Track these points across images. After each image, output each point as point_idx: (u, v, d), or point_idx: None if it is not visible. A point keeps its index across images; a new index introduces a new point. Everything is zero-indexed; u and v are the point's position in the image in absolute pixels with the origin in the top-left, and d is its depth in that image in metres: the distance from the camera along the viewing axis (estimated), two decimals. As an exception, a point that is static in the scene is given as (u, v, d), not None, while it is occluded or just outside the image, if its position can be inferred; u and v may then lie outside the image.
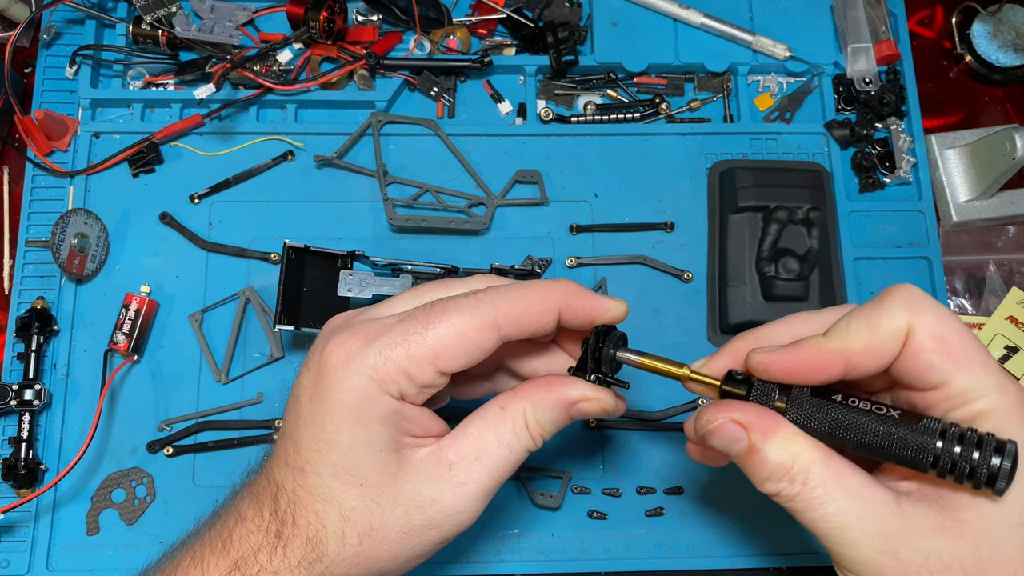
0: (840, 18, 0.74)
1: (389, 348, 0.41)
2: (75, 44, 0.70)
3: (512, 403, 0.43)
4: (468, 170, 0.69)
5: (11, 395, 0.61)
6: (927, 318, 0.37)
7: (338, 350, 0.41)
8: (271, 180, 0.69)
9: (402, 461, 0.42)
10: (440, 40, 0.72)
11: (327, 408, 0.41)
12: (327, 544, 0.42)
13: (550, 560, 0.62)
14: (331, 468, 0.42)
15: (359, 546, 0.42)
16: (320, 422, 0.42)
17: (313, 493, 0.42)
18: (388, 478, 0.42)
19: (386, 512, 0.42)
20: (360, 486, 0.42)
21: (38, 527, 0.61)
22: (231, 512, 0.45)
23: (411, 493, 0.42)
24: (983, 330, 0.67)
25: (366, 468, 0.41)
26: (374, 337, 0.41)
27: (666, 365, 0.44)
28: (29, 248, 0.66)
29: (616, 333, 0.45)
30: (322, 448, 0.42)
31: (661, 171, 0.70)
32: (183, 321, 0.65)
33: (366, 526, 0.42)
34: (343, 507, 0.42)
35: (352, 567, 0.43)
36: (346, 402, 0.41)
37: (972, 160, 0.71)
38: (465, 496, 0.42)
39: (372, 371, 0.40)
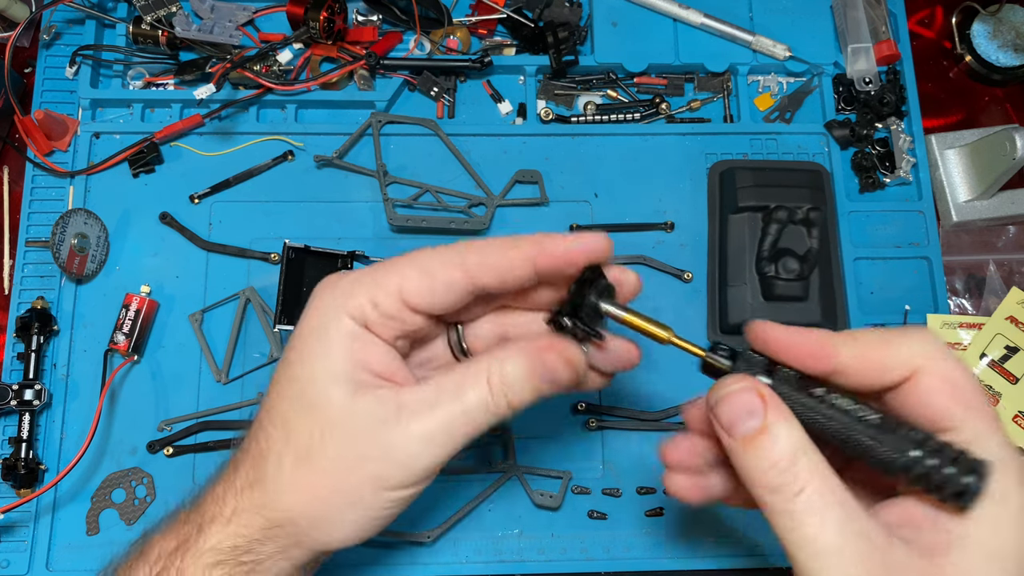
0: (840, 18, 0.74)
1: (360, 276, 0.42)
2: (75, 44, 0.70)
3: (478, 361, 0.42)
4: (468, 170, 0.69)
5: (11, 395, 0.61)
6: (943, 363, 0.37)
7: (325, 283, 0.43)
8: (271, 180, 0.69)
9: (357, 394, 0.41)
10: (440, 40, 0.72)
11: (299, 330, 0.43)
12: (267, 466, 0.42)
13: (550, 560, 0.62)
14: (287, 390, 0.42)
15: (294, 471, 0.41)
16: (294, 343, 0.43)
17: (270, 412, 0.43)
18: (338, 406, 0.41)
19: (325, 437, 0.41)
20: (309, 408, 0.41)
21: (38, 527, 0.61)
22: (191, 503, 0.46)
23: (354, 423, 0.41)
24: (983, 330, 0.67)
25: (317, 391, 0.41)
26: (354, 273, 0.43)
27: (650, 325, 0.41)
28: (29, 248, 0.66)
29: (603, 282, 0.42)
30: (290, 366, 0.43)
31: (661, 171, 0.70)
32: (183, 321, 0.65)
33: (304, 449, 0.41)
34: (288, 427, 0.42)
35: (285, 494, 0.42)
36: (312, 323, 0.42)
37: (972, 160, 0.71)
38: (407, 438, 0.40)
39: (340, 294, 0.42)
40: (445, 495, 0.62)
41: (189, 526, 0.43)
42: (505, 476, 0.62)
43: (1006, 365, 0.67)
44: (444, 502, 0.62)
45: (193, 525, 0.43)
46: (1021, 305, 0.68)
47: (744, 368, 0.38)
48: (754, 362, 0.39)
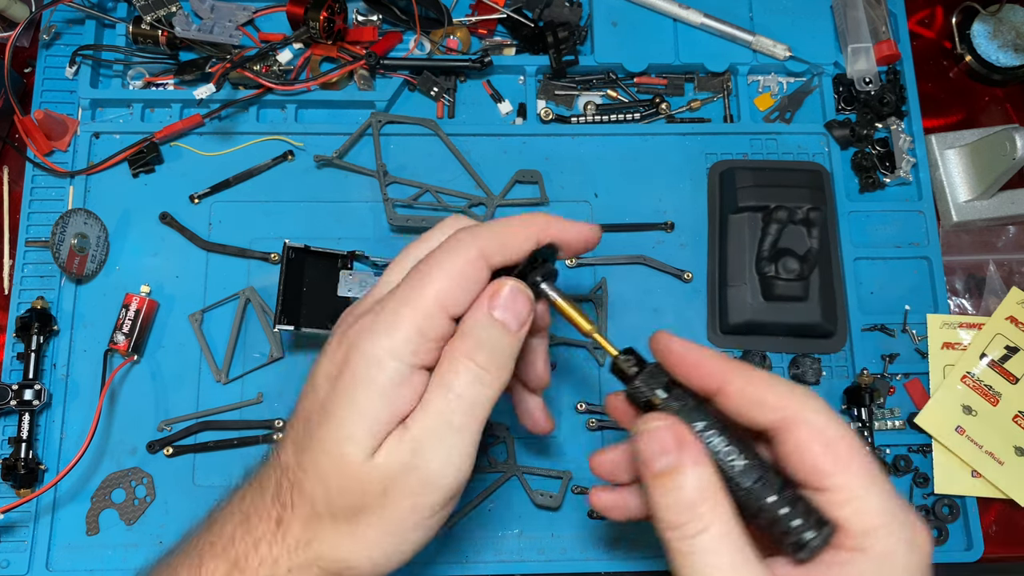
0: (840, 18, 0.74)
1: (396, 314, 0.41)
2: (75, 44, 0.70)
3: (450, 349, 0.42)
4: (468, 170, 0.69)
5: (11, 395, 0.61)
6: (815, 416, 0.38)
7: (355, 328, 0.42)
8: (271, 180, 0.69)
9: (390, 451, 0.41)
10: (440, 40, 0.72)
11: (341, 384, 0.41)
12: (320, 522, 0.42)
13: (550, 560, 0.62)
14: (324, 443, 0.42)
15: (347, 524, 0.42)
16: (333, 397, 0.42)
17: (308, 472, 0.42)
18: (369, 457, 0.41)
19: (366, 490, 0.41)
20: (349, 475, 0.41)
21: (38, 527, 0.61)
22: (234, 512, 0.44)
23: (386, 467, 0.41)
24: (983, 330, 0.67)
25: (353, 444, 0.41)
26: (381, 310, 0.42)
27: (577, 315, 0.43)
28: (29, 248, 0.66)
29: (549, 266, 0.44)
30: (327, 422, 0.42)
31: (661, 171, 0.70)
32: (183, 321, 0.65)
33: (349, 504, 0.41)
34: (328, 485, 0.41)
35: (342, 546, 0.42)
36: (359, 372, 0.41)
37: (972, 160, 0.71)
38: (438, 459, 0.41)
39: (386, 339, 0.41)
40: (445, 495, 0.62)
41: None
42: (505, 476, 0.62)
43: (1006, 365, 0.67)
44: (444, 502, 0.62)
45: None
46: (1021, 305, 0.68)
47: (646, 379, 0.41)
48: (656, 375, 0.41)
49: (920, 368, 0.67)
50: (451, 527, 0.61)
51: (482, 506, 0.62)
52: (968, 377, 0.66)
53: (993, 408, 0.66)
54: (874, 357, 0.67)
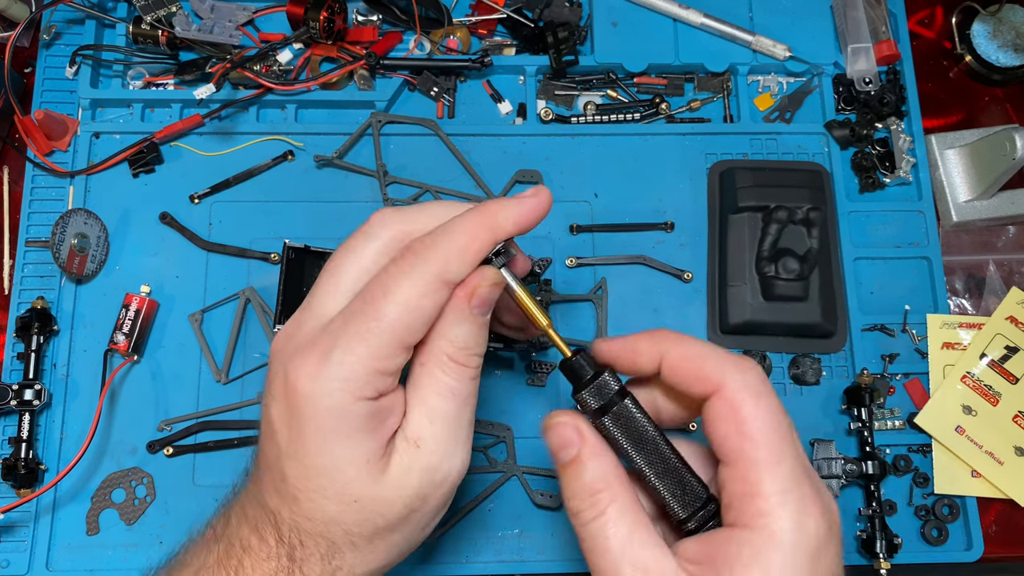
0: (840, 18, 0.74)
1: (348, 354, 0.39)
2: (75, 44, 0.70)
3: (425, 352, 0.42)
4: (468, 170, 0.69)
5: (11, 395, 0.61)
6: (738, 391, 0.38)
7: (300, 376, 0.40)
8: (271, 180, 0.69)
9: (387, 464, 0.42)
10: (440, 40, 0.72)
11: (306, 435, 0.41)
12: (342, 554, 0.43)
13: (550, 560, 0.62)
14: (322, 492, 0.41)
15: (370, 544, 0.43)
16: (303, 450, 0.41)
17: (313, 519, 0.42)
18: (377, 484, 0.41)
19: (386, 514, 0.42)
20: (355, 503, 0.41)
21: (38, 527, 0.61)
22: (233, 540, 0.44)
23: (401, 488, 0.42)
24: (983, 330, 0.67)
25: (356, 485, 0.41)
26: (330, 348, 0.40)
27: (534, 308, 0.43)
28: (29, 248, 0.66)
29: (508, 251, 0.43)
30: (310, 475, 0.41)
31: (661, 171, 0.70)
32: (183, 321, 0.65)
33: (370, 530, 0.42)
34: (345, 524, 0.42)
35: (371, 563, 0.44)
36: (323, 425, 0.40)
37: (972, 160, 0.71)
38: (440, 461, 0.42)
39: (341, 383, 0.39)
40: (445, 495, 0.62)
41: None
42: (505, 476, 0.62)
43: (1006, 365, 0.67)
44: (444, 502, 0.62)
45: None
46: (1021, 305, 0.68)
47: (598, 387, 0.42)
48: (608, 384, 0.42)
49: (920, 368, 0.67)
50: (451, 527, 0.61)
51: (482, 506, 0.62)
52: (968, 377, 0.66)
53: (993, 408, 0.66)
54: (874, 357, 0.67)
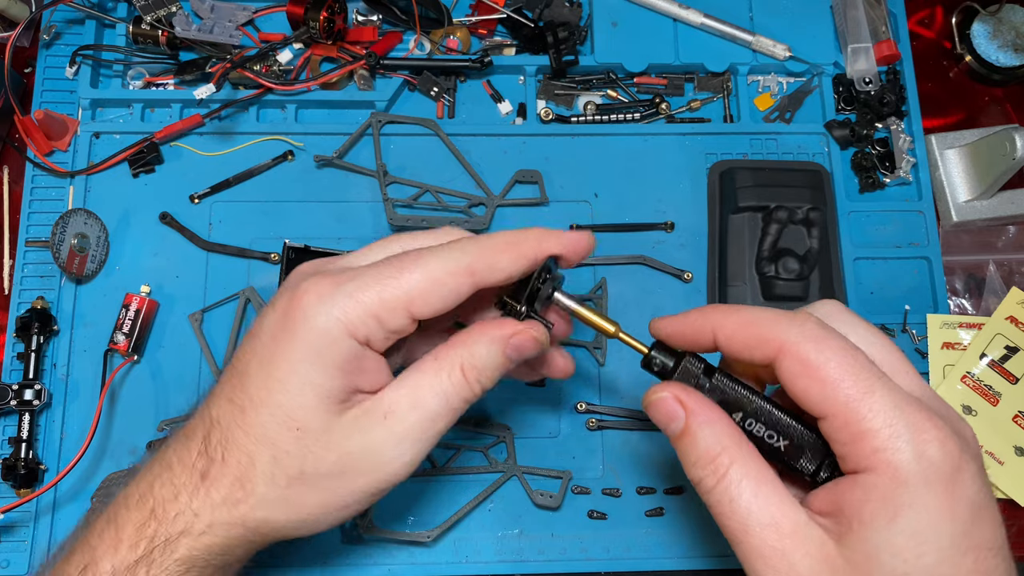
0: (840, 18, 0.74)
1: (361, 291, 0.41)
2: (75, 44, 0.70)
3: (446, 351, 0.43)
4: (468, 170, 0.69)
5: (11, 395, 0.61)
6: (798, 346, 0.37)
7: (310, 291, 0.41)
8: (271, 180, 0.69)
9: (343, 411, 0.42)
10: (440, 40, 0.72)
11: (289, 347, 0.41)
12: (255, 484, 0.42)
13: (550, 560, 0.62)
14: (273, 408, 0.41)
15: (286, 489, 0.42)
16: (276, 360, 0.41)
17: (249, 432, 0.42)
18: (326, 425, 0.41)
19: (318, 459, 0.41)
20: (297, 430, 0.41)
21: (38, 527, 0.61)
22: (156, 463, 0.44)
23: (345, 442, 0.41)
24: (983, 330, 0.67)
25: (308, 412, 0.41)
26: (347, 280, 0.41)
27: (599, 319, 0.44)
28: (29, 248, 0.66)
29: (557, 274, 0.45)
30: (272, 387, 0.41)
31: (661, 171, 0.70)
32: (183, 321, 0.65)
33: (296, 470, 0.41)
34: (277, 449, 0.41)
35: (276, 511, 0.42)
36: (309, 342, 0.40)
37: (972, 160, 0.71)
38: (397, 445, 0.42)
39: (341, 313, 0.40)
40: (445, 495, 0.62)
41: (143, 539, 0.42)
42: (505, 476, 0.62)
43: (1006, 365, 0.67)
44: (444, 502, 0.62)
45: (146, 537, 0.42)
46: (1021, 305, 0.68)
47: (684, 372, 0.42)
48: (695, 366, 0.42)
49: (920, 368, 0.67)
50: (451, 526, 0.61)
51: (482, 506, 0.62)
52: (968, 377, 0.66)
53: (993, 408, 0.66)
54: (874, 357, 0.67)
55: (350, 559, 0.61)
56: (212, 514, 0.42)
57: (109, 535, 0.42)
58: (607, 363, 0.65)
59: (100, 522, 0.43)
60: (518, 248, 0.43)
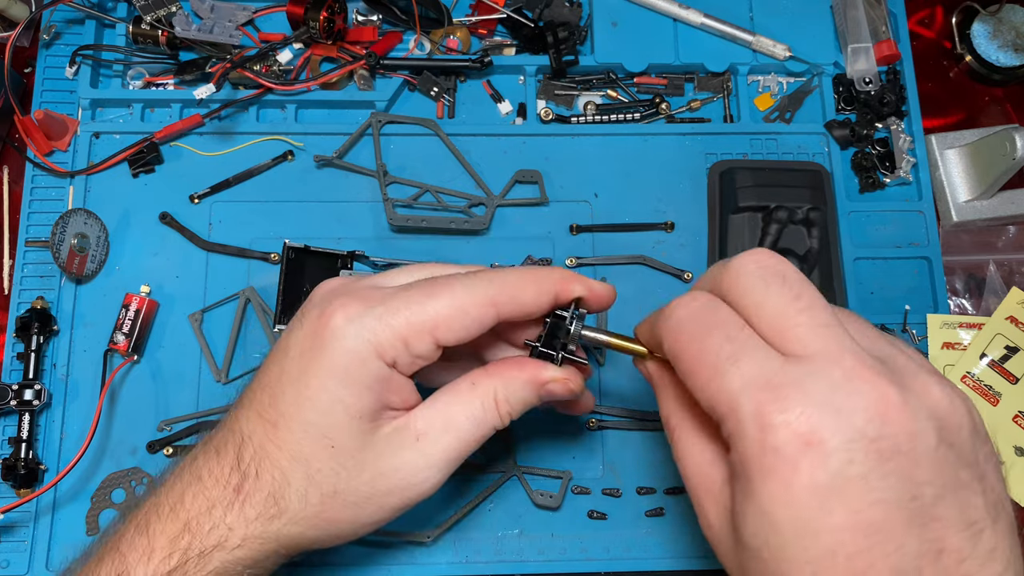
0: (840, 18, 0.74)
1: (391, 314, 0.42)
2: (75, 44, 0.70)
3: (484, 380, 0.44)
4: (468, 170, 0.69)
5: (11, 395, 0.61)
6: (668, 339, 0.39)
7: (339, 311, 0.42)
8: (271, 180, 0.69)
9: (375, 429, 0.43)
10: (440, 40, 0.72)
11: (318, 365, 0.41)
12: (289, 501, 0.42)
13: (550, 560, 0.62)
14: (306, 426, 0.42)
15: (320, 506, 0.42)
16: (306, 378, 0.42)
17: (282, 448, 0.42)
18: (359, 444, 0.42)
19: (351, 477, 0.42)
20: (331, 448, 0.42)
21: (38, 527, 0.61)
22: (186, 473, 0.44)
23: (378, 460, 0.42)
24: (983, 330, 0.67)
25: (341, 431, 0.42)
26: (377, 302, 0.42)
27: (631, 344, 0.46)
28: (29, 248, 0.66)
29: (581, 311, 0.47)
30: (303, 404, 0.42)
31: (661, 171, 0.70)
32: (183, 321, 0.65)
33: (330, 488, 0.42)
34: (310, 467, 0.42)
35: (309, 527, 0.43)
36: (338, 362, 0.41)
37: (972, 160, 0.71)
38: (429, 466, 0.43)
39: (371, 335, 0.41)
40: (445, 495, 0.62)
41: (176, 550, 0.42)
42: (505, 476, 0.62)
43: (1006, 365, 0.67)
44: (444, 502, 0.62)
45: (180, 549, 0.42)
46: (1021, 305, 0.68)
47: None
48: None
49: (920, 368, 0.67)
50: (451, 527, 0.61)
51: (482, 506, 0.62)
52: (968, 377, 0.66)
53: (993, 408, 0.66)
54: (874, 357, 0.67)
55: (350, 559, 0.61)
56: (246, 529, 0.42)
57: (141, 544, 0.42)
58: (607, 364, 0.65)
59: (130, 530, 0.43)
60: (541, 284, 0.44)
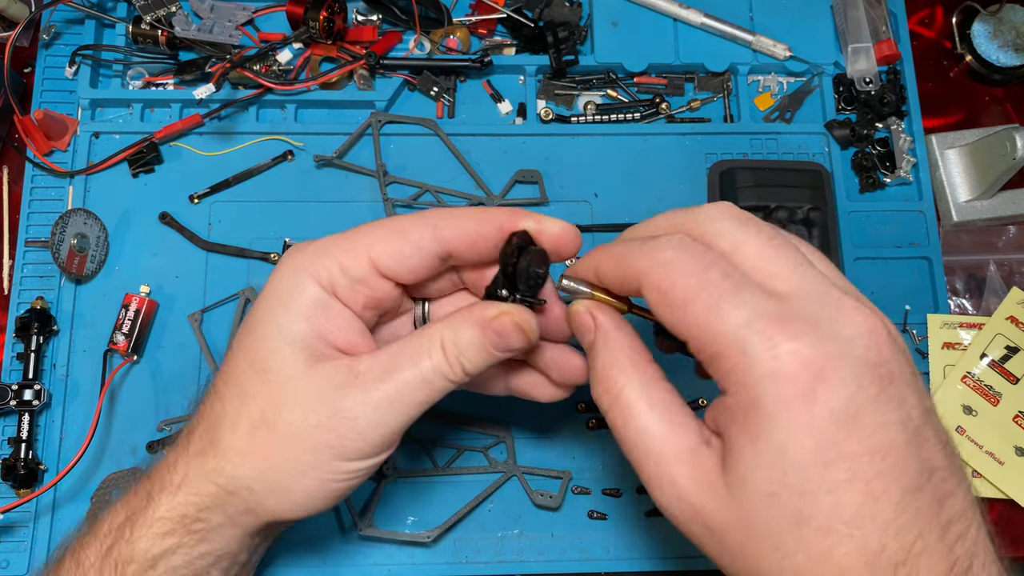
0: (840, 18, 0.74)
1: (328, 244, 0.43)
2: (75, 44, 0.70)
3: (432, 327, 0.43)
4: (468, 170, 0.69)
5: (11, 395, 0.61)
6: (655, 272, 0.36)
7: (291, 250, 0.44)
8: (271, 180, 0.69)
9: (314, 362, 0.42)
10: (440, 40, 0.72)
11: (264, 301, 0.43)
12: (222, 432, 0.42)
13: (550, 560, 0.62)
14: (245, 352, 0.42)
15: (248, 438, 0.41)
16: (255, 313, 0.43)
17: (228, 381, 0.43)
18: (294, 373, 0.41)
19: (281, 405, 0.41)
20: (264, 373, 0.41)
21: (38, 527, 0.61)
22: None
23: (312, 393, 0.41)
24: (983, 330, 0.67)
25: (274, 356, 0.41)
26: (320, 241, 0.43)
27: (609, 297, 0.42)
28: (29, 248, 0.66)
29: (536, 249, 0.42)
30: (246, 334, 0.43)
31: (661, 171, 0.70)
32: (183, 321, 0.65)
33: (258, 413, 0.41)
34: (244, 393, 0.42)
35: (240, 463, 0.42)
36: (279, 292, 0.42)
37: (972, 160, 0.71)
38: (364, 405, 0.41)
39: (308, 262, 0.42)
40: (445, 495, 0.62)
41: (139, 497, 0.44)
42: (505, 476, 0.62)
43: (1006, 365, 0.67)
44: (444, 502, 0.62)
45: (143, 495, 0.43)
46: (1021, 305, 0.68)
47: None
48: None
49: (921, 368, 0.67)
50: (451, 527, 0.61)
51: (482, 506, 0.62)
52: (968, 377, 0.66)
53: (993, 408, 0.66)
54: (874, 357, 0.67)
55: (350, 559, 0.61)
56: (187, 467, 0.43)
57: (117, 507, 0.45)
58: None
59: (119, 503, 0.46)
60: (487, 214, 0.43)
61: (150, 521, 0.42)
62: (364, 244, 0.42)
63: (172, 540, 0.42)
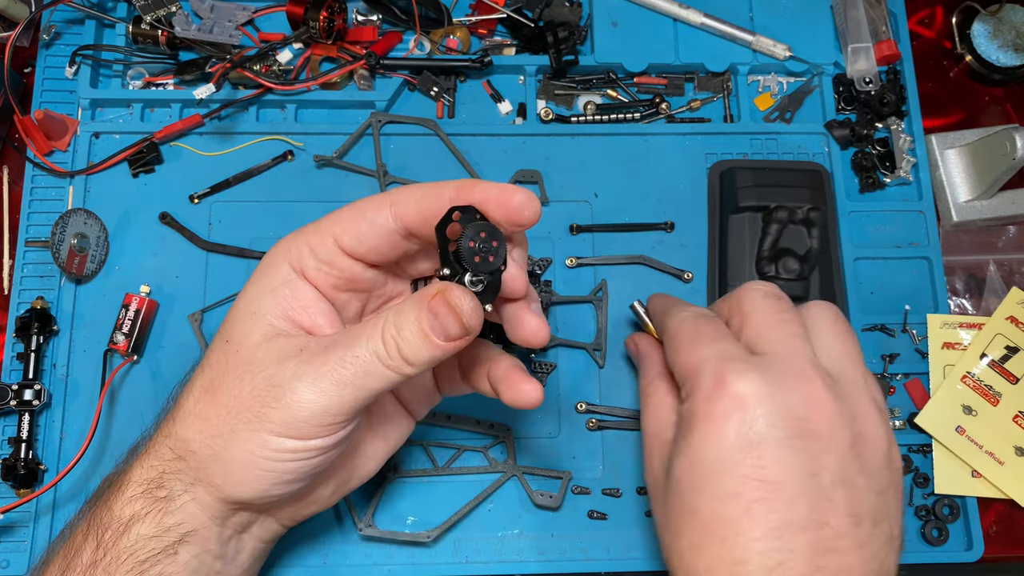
0: (840, 18, 0.74)
1: (305, 228, 0.46)
2: (75, 44, 0.70)
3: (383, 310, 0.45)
4: (468, 170, 0.69)
5: (11, 395, 0.61)
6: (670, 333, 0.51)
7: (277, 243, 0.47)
8: (271, 180, 0.69)
9: (271, 335, 0.43)
10: (440, 40, 0.72)
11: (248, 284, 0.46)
12: (183, 398, 0.45)
13: (550, 560, 0.62)
14: (221, 327, 0.46)
15: (196, 401, 0.44)
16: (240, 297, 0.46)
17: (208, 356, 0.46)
18: (248, 343, 0.43)
19: (228, 372, 0.43)
20: (225, 342, 0.44)
21: (38, 527, 0.61)
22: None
23: (257, 362, 0.42)
24: (983, 330, 0.67)
25: (237, 326, 0.44)
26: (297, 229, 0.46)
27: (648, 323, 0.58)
28: (29, 248, 0.66)
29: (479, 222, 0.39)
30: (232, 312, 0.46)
31: (661, 171, 0.70)
32: (183, 321, 0.65)
33: (209, 380, 0.44)
34: (207, 361, 0.44)
35: (190, 426, 0.43)
36: (257, 271, 0.45)
37: (972, 160, 0.71)
38: (296, 376, 0.40)
39: (283, 246, 0.45)
40: (445, 495, 0.62)
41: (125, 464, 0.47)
42: (505, 476, 0.62)
43: (1006, 365, 0.67)
44: (444, 502, 0.62)
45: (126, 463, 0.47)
46: (1021, 305, 0.68)
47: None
48: None
49: (920, 368, 0.67)
50: (451, 527, 0.61)
51: (482, 506, 0.62)
52: (968, 377, 0.66)
53: (993, 408, 0.66)
54: (874, 357, 0.67)
55: (350, 559, 0.61)
56: (157, 433, 0.46)
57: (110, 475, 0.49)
58: (607, 364, 0.66)
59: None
60: (433, 187, 0.42)
61: (125, 486, 0.45)
62: (329, 225, 0.44)
63: (141, 504, 0.44)
